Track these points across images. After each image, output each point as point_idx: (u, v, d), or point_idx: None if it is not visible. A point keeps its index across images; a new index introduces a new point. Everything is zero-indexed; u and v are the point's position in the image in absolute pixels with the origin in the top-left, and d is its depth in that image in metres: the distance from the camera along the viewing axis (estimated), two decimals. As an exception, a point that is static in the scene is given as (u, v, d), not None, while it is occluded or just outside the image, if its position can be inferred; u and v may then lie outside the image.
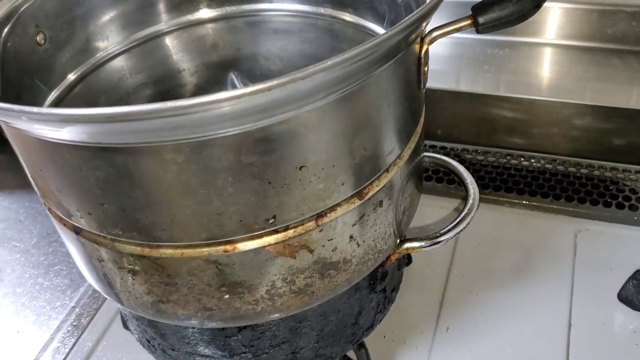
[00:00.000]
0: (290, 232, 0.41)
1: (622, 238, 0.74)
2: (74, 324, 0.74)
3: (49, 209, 0.47)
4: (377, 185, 0.44)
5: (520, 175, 0.84)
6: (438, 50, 1.02)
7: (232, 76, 0.64)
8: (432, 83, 0.92)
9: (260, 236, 0.41)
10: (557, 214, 0.78)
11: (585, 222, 0.77)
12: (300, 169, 0.38)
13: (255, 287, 0.44)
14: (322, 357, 0.56)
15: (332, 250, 0.44)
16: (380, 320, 0.60)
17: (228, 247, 0.41)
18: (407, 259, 0.72)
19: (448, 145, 0.92)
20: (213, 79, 0.65)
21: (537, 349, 0.64)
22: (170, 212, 0.39)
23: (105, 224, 0.41)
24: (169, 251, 0.41)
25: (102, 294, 0.51)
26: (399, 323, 0.68)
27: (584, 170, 0.84)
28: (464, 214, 0.54)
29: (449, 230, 0.53)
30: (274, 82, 0.31)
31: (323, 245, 0.43)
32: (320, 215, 0.42)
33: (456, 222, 0.54)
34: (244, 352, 0.53)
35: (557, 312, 0.67)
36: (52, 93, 0.55)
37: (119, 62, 0.60)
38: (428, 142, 0.93)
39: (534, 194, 0.80)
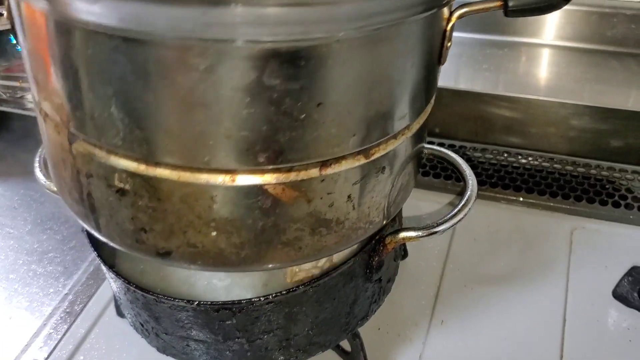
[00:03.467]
0: (293, 175, 0.40)
1: (618, 236, 0.74)
2: (67, 310, 0.73)
3: (45, 117, 0.44)
4: (383, 149, 0.44)
5: (517, 172, 0.84)
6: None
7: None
8: (431, 81, 0.94)
9: (263, 172, 0.39)
10: (553, 211, 0.78)
11: (581, 220, 0.77)
12: (318, 105, 0.37)
13: (245, 229, 0.42)
14: (315, 345, 0.56)
15: (329, 206, 0.43)
16: (375, 311, 0.60)
17: (227, 177, 0.39)
18: (403, 252, 0.72)
19: (446, 142, 0.92)
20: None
21: (532, 344, 0.64)
22: (179, 125, 0.37)
23: (106, 130, 0.39)
24: (166, 172, 0.39)
25: (81, 221, 0.48)
26: (393, 315, 0.68)
27: (580, 169, 0.84)
28: (461, 205, 0.54)
29: (446, 221, 0.53)
30: None
31: (321, 198, 0.42)
32: (325, 164, 0.41)
33: (453, 213, 0.54)
34: (238, 337, 0.53)
35: (552, 308, 0.67)
36: None
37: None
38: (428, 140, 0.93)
39: (530, 191, 0.81)
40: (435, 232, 0.52)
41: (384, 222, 0.51)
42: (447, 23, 0.44)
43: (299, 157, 0.39)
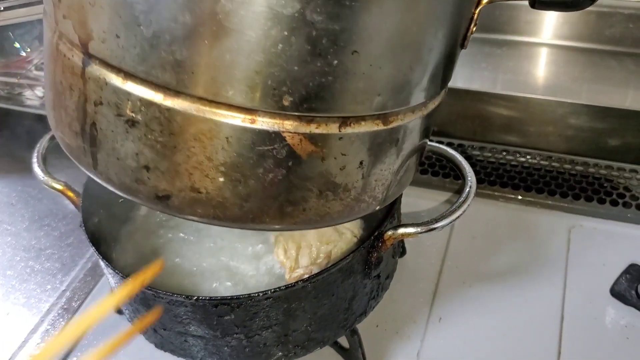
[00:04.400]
0: (313, 127, 0.39)
1: (616, 234, 0.74)
2: (65, 307, 0.73)
3: (59, 38, 0.42)
4: (400, 119, 0.43)
5: (515, 171, 0.84)
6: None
7: None
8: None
9: (284, 117, 0.38)
10: (551, 209, 0.79)
11: (579, 218, 0.77)
12: (353, 53, 0.37)
13: (254, 179, 0.41)
14: (314, 341, 0.56)
15: (340, 169, 0.43)
16: (374, 307, 0.60)
17: (247, 117, 0.38)
18: (401, 249, 0.72)
19: (444, 140, 0.92)
20: None
21: (530, 341, 0.64)
22: (210, 50, 0.35)
23: (129, 52, 0.37)
24: (185, 103, 0.38)
25: (75, 159, 0.46)
26: (391, 313, 0.68)
27: (579, 168, 0.84)
28: (460, 201, 0.54)
29: (445, 217, 0.53)
30: None
31: (335, 158, 0.42)
32: (345, 121, 0.40)
33: (452, 209, 0.54)
34: (237, 333, 0.53)
35: (550, 305, 0.67)
36: None
37: None
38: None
39: (528, 190, 0.81)
40: (434, 228, 0.52)
41: (384, 203, 0.50)
42: (477, 7, 0.44)
43: (322, 107, 0.39)
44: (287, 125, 0.39)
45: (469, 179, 0.56)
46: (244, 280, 0.60)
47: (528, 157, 0.87)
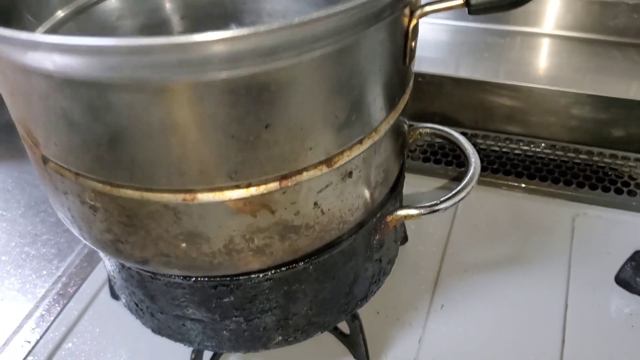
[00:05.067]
0: (253, 190, 0.40)
1: (620, 223, 0.73)
2: (60, 292, 0.72)
3: (22, 136, 0.46)
4: (347, 155, 0.43)
5: (518, 159, 0.83)
6: (438, 37, 1.01)
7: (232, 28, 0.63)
8: (431, 69, 0.93)
9: (222, 189, 0.40)
10: (555, 197, 0.78)
11: (583, 206, 0.76)
12: (266, 127, 0.37)
13: (213, 240, 0.43)
14: (314, 325, 0.54)
15: (295, 214, 0.43)
16: (375, 292, 0.59)
17: (187, 196, 0.40)
18: (403, 236, 0.71)
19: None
20: (213, 29, 0.64)
21: (533, 329, 0.63)
22: (131, 153, 0.37)
23: (69, 156, 0.40)
24: (129, 192, 0.40)
25: (69, 227, 0.50)
26: (393, 300, 0.67)
27: (582, 156, 0.83)
28: (464, 182, 0.53)
29: (448, 199, 0.52)
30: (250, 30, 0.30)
31: (285, 208, 0.42)
32: (284, 177, 0.40)
33: (456, 191, 0.53)
34: (236, 316, 0.52)
35: (554, 294, 0.66)
36: (42, 26, 0.53)
37: (113, 5, 0.59)
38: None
39: (532, 178, 0.80)
40: (437, 210, 0.51)
41: (362, 218, 0.50)
42: (409, 24, 0.43)
43: (255, 174, 0.39)
44: (227, 196, 0.40)
45: (473, 160, 0.55)
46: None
47: (531, 145, 0.85)
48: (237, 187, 0.40)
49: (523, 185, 0.79)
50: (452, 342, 0.62)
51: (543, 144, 0.86)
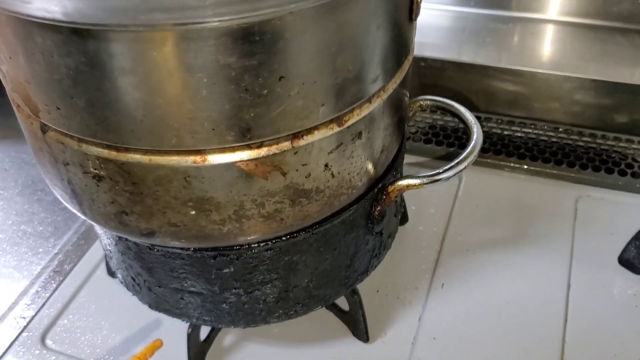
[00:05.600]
0: (264, 150, 0.39)
1: (624, 205, 0.73)
2: (56, 269, 0.71)
3: (17, 107, 0.44)
4: (357, 114, 0.42)
5: (521, 140, 0.82)
6: (440, 23, 1.00)
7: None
8: (433, 53, 0.92)
9: (233, 150, 0.39)
10: (558, 179, 0.77)
11: (586, 188, 0.75)
12: (280, 79, 0.36)
13: (223, 206, 0.42)
14: (315, 298, 0.54)
15: (306, 177, 0.42)
16: (376, 267, 0.58)
17: (198, 157, 0.39)
18: (403, 214, 0.70)
19: (448, 112, 0.90)
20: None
21: (535, 309, 0.62)
22: (140, 111, 0.36)
23: (73, 120, 0.39)
24: (137, 156, 0.39)
25: (66, 204, 0.49)
26: (392, 279, 0.66)
27: (586, 139, 0.82)
28: (466, 152, 0.52)
29: (450, 168, 0.51)
30: None
31: (297, 170, 0.41)
32: (296, 136, 0.40)
33: (458, 160, 0.52)
34: (235, 288, 0.51)
35: (556, 274, 0.65)
36: None
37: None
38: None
39: (535, 159, 0.79)
40: (439, 180, 0.51)
41: (368, 185, 0.49)
42: None
43: (268, 132, 0.38)
44: (238, 156, 0.39)
45: (475, 130, 0.54)
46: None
47: (534, 128, 0.85)
48: (249, 147, 0.39)
49: (525, 166, 0.78)
50: (453, 321, 0.62)
51: (546, 127, 0.85)
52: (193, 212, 0.42)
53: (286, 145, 0.40)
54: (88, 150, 0.40)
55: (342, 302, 0.60)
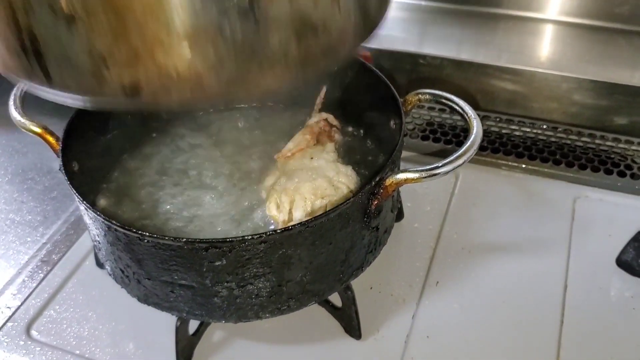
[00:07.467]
0: None
1: (623, 206, 0.72)
2: (44, 259, 0.70)
3: None
4: None
5: (520, 139, 0.82)
6: (440, 21, 0.99)
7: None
8: (432, 50, 0.91)
9: None
10: (556, 179, 0.76)
11: (584, 188, 0.74)
12: None
13: (223, 38, 0.36)
14: (309, 293, 0.52)
15: (314, 3, 0.38)
16: (371, 262, 0.57)
17: None
18: (399, 211, 0.69)
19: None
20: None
21: (530, 309, 0.61)
22: None
23: None
24: None
25: (25, 79, 0.40)
26: (386, 276, 0.65)
27: (585, 139, 0.81)
28: (465, 147, 0.51)
29: (448, 163, 0.50)
30: None
31: None
32: None
33: (456, 155, 0.51)
34: (228, 281, 0.49)
35: (553, 274, 0.64)
36: None
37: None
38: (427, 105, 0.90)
39: (532, 158, 0.78)
40: (437, 174, 0.49)
41: (367, 34, 0.43)
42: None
43: None
44: None
45: (474, 124, 0.53)
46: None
47: (533, 127, 0.84)
48: None
49: (523, 165, 0.77)
50: (447, 319, 0.61)
51: (544, 126, 0.84)
52: (187, 49, 0.36)
53: None
54: None
55: (335, 299, 0.59)
